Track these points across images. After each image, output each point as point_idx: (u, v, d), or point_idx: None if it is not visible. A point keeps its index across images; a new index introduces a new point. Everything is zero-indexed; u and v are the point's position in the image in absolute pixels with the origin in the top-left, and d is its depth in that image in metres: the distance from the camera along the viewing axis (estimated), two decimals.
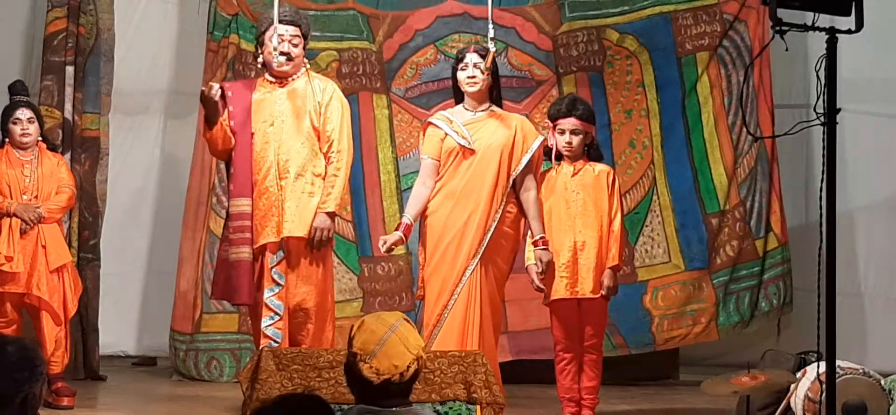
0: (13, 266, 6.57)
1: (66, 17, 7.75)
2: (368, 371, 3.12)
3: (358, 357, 3.15)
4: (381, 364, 3.13)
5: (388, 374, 3.13)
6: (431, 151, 6.03)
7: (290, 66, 6.09)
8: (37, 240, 6.67)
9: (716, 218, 7.91)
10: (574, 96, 6.34)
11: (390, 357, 3.14)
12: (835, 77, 4.12)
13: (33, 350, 3.08)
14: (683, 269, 7.86)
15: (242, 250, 6.03)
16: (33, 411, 3.06)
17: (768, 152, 7.93)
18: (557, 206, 6.07)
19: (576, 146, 6.07)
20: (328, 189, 6.00)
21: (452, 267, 5.86)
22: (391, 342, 3.16)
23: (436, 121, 6.09)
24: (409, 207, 6.11)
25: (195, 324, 7.80)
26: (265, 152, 6.03)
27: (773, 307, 7.93)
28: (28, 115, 6.79)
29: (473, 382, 5.04)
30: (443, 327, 5.84)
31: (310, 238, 5.94)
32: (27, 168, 6.76)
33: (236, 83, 6.65)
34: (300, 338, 5.96)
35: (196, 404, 6.96)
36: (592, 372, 6.06)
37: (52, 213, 6.76)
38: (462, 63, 6.00)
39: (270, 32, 6.05)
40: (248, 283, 5.99)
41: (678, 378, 8.03)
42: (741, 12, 7.95)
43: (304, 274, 5.96)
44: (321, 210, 5.97)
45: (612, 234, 6.05)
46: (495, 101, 6.10)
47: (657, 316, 7.79)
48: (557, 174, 6.11)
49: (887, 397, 5.62)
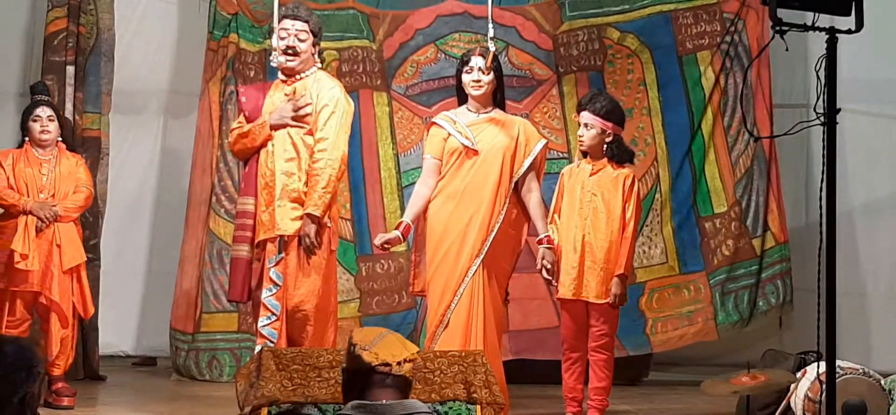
0: (28, 264, 6.58)
1: (67, 17, 7.75)
2: (368, 355, 3.22)
3: (357, 347, 3.25)
4: (380, 351, 3.24)
5: (387, 358, 3.23)
6: (434, 151, 6.03)
7: (297, 62, 6.02)
8: (52, 239, 6.68)
9: (710, 221, 7.90)
10: (599, 92, 6.26)
11: (388, 347, 3.25)
12: (835, 77, 4.11)
13: (31, 350, 3.08)
14: (678, 272, 7.86)
15: (241, 248, 6.03)
16: (32, 410, 3.06)
17: (766, 152, 7.93)
18: (571, 204, 6.04)
19: (587, 140, 6.02)
20: (310, 191, 5.88)
21: (455, 268, 5.86)
22: (389, 338, 3.28)
23: (439, 121, 6.09)
24: (410, 207, 6.10)
25: (196, 323, 7.81)
26: (270, 150, 6.01)
27: (772, 306, 7.92)
28: (48, 113, 6.82)
29: (473, 382, 5.03)
30: (446, 327, 5.84)
31: (299, 243, 5.91)
32: (45, 167, 6.78)
33: (251, 87, 6.66)
34: (301, 340, 5.93)
35: (196, 404, 6.96)
36: (602, 373, 6.01)
37: (69, 211, 6.77)
38: (467, 66, 6.01)
39: (281, 27, 6.03)
40: (241, 280, 6.00)
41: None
42: (741, 12, 7.95)
43: (302, 276, 5.94)
44: (305, 212, 5.89)
45: (624, 240, 5.98)
46: (499, 103, 6.10)
47: (651, 318, 7.79)
48: (578, 171, 6.08)
49: (887, 397, 5.62)
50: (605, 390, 6.03)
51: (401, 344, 3.27)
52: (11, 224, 6.67)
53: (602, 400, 6.03)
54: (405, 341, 3.30)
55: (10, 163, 6.78)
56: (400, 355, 3.24)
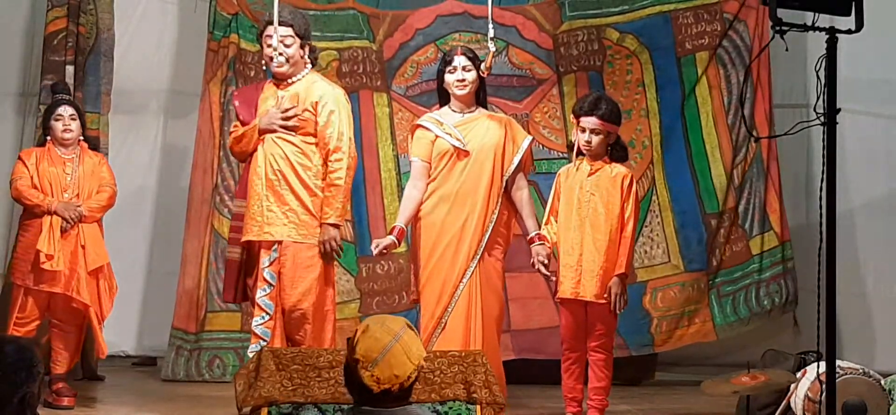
0: (53, 264, 6.58)
1: (66, 17, 7.75)
2: (369, 379, 3.07)
3: (360, 364, 3.08)
4: (382, 373, 3.07)
5: (388, 384, 3.07)
6: (421, 154, 6.03)
7: (287, 67, 6.05)
8: (77, 240, 6.67)
9: (715, 218, 7.90)
10: (599, 95, 6.23)
11: (392, 367, 3.07)
12: (835, 77, 4.11)
13: (30, 350, 3.08)
14: (683, 270, 7.85)
15: (235, 250, 6.07)
16: (32, 409, 3.06)
17: (764, 152, 7.92)
18: (569, 204, 6.03)
19: (595, 146, 6.01)
20: (330, 200, 5.94)
21: (452, 269, 5.86)
22: (394, 352, 3.08)
23: (425, 123, 6.09)
24: (402, 211, 6.11)
25: (200, 323, 7.81)
26: (260, 153, 6.02)
27: (776, 305, 7.90)
28: (70, 112, 6.83)
29: (473, 382, 5.03)
30: (444, 329, 5.84)
31: (320, 251, 5.92)
32: (68, 166, 6.78)
33: (245, 89, 6.66)
34: (298, 338, 5.94)
35: (196, 404, 6.96)
36: (601, 373, 6.00)
37: (93, 212, 6.77)
38: (450, 66, 6.00)
39: (265, 34, 6.05)
40: (233, 281, 6.04)
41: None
42: (741, 12, 7.94)
43: (299, 275, 5.94)
44: (324, 222, 5.94)
45: (623, 240, 5.97)
46: (481, 102, 6.12)
47: (656, 317, 7.78)
48: (575, 171, 6.07)
49: (887, 396, 5.61)
50: (604, 390, 6.02)
51: (406, 358, 3.09)
52: (36, 224, 6.68)
53: (601, 400, 6.02)
54: (410, 350, 3.10)
55: (33, 162, 6.77)
56: (403, 374, 3.07)
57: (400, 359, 3.08)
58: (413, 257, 6.13)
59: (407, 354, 3.10)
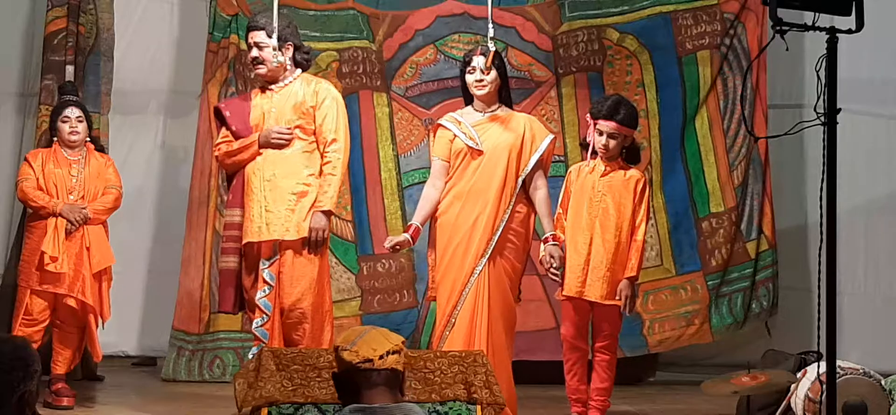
0: (58, 266, 6.58)
1: (66, 17, 7.75)
2: (349, 355, 3.23)
3: (339, 348, 3.26)
4: (361, 347, 3.24)
5: (367, 355, 3.23)
6: (441, 153, 6.03)
7: (265, 70, 6.04)
8: (82, 242, 6.67)
9: (708, 221, 7.90)
10: (619, 99, 6.19)
11: (369, 343, 3.25)
12: (835, 77, 4.11)
13: (27, 349, 3.08)
14: (674, 273, 7.86)
15: (230, 260, 6.05)
16: (31, 409, 3.06)
17: (761, 155, 7.93)
18: (579, 203, 6.02)
19: (612, 149, 6.00)
20: (324, 188, 5.96)
21: (461, 268, 5.85)
22: (371, 334, 3.29)
23: (445, 123, 6.08)
24: (419, 210, 6.09)
25: (204, 323, 7.81)
26: (259, 162, 6.01)
27: (763, 309, 7.93)
28: (77, 113, 6.82)
29: (473, 382, 5.03)
30: (453, 327, 5.84)
31: (307, 238, 5.92)
32: (74, 168, 6.78)
33: (232, 101, 6.68)
34: (296, 338, 5.94)
35: (196, 404, 6.96)
36: (604, 374, 6.00)
37: (98, 214, 6.77)
38: (469, 66, 6.00)
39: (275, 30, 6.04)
40: (231, 291, 6.02)
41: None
42: (741, 14, 7.94)
43: (298, 275, 5.93)
44: (317, 209, 5.94)
45: (633, 243, 5.96)
46: (505, 101, 6.09)
47: (647, 319, 7.78)
48: (588, 172, 6.06)
49: (887, 397, 5.61)
50: (606, 391, 6.03)
51: (383, 338, 3.28)
52: (41, 226, 6.68)
53: (603, 401, 6.03)
54: (389, 334, 3.30)
55: (39, 163, 6.77)
56: (381, 348, 3.24)
57: (377, 339, 3.27)
58: (430, 255, 6.11)
59: (384, 335, 3.30)
